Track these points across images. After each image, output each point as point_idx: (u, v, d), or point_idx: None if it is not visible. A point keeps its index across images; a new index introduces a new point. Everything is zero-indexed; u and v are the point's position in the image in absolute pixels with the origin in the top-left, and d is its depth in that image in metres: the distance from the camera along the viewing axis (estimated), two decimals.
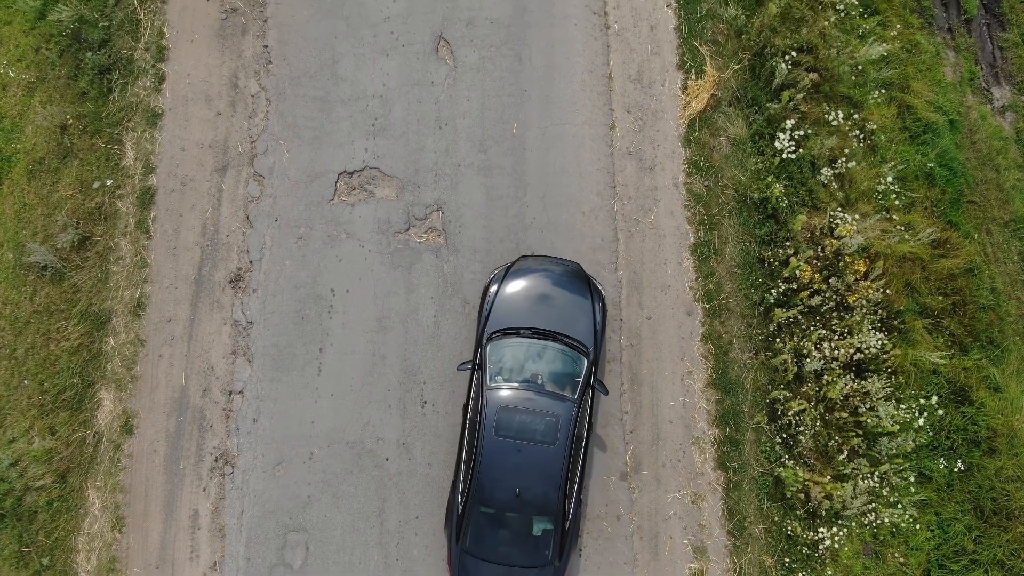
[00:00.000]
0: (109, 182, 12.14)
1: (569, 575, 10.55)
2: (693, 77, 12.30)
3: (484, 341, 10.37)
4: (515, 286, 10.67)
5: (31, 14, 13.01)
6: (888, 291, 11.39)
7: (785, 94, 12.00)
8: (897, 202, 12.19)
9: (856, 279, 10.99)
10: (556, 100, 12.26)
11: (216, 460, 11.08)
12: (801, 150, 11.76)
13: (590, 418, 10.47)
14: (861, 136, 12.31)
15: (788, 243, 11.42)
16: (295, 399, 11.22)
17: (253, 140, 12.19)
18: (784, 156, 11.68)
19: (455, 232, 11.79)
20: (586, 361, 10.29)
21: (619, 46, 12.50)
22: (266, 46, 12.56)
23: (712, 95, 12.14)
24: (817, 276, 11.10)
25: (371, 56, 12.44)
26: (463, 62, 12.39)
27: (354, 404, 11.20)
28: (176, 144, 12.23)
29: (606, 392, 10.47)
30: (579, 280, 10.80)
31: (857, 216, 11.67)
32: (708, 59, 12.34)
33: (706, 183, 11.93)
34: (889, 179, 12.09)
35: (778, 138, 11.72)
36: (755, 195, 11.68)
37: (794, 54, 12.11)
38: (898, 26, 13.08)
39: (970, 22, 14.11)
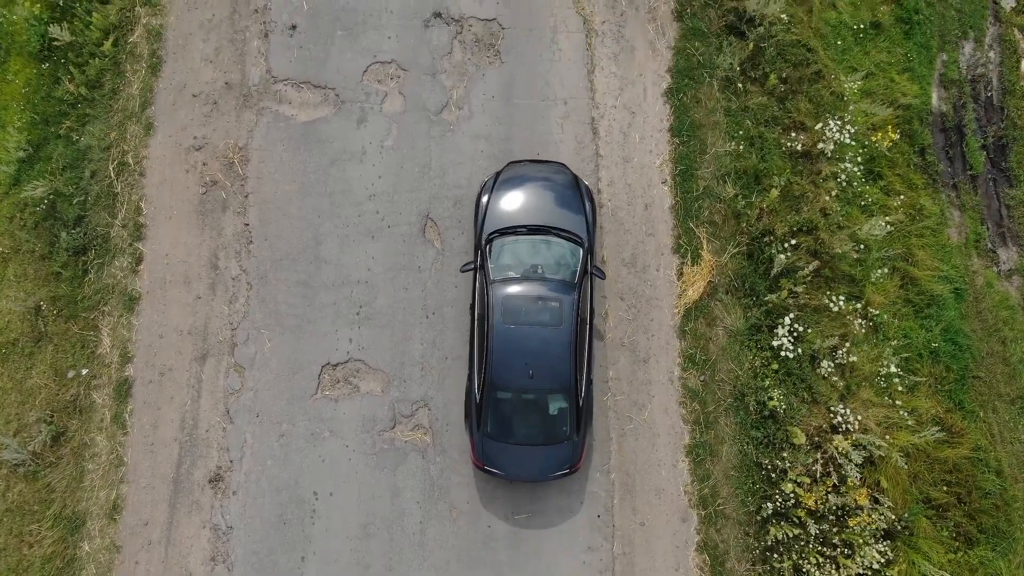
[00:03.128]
0: (84, 371, 11.73)
1: (587, 448, 11.02)
2: (689, 262, 11.88)
3: (483, 243, 10.89)
4: (506, 190, 11.22)
5: (5, 180, 12.59)
6: (890, 505, 11.00)
7: (784, 282, 11.60)
8: (900, 388, 11.80)
9: (857, 506, 10.61)
10: None
11: None
12: (800, 347, 11.36)
13: (591, 303, 11.06)
14: (863, 318, 11.91)
15: (786, 453, 11.02)
16: None
17: (234, 328, 11.77)
18: (783, 355, 11.27)
19: (442, 431, 11.39)
20: (581, 250, 10.89)
21: (612, 227, 12.08)
22: (247, 224, 12.13)
23: (709, 282, 11.73)
24: (816, 499, 10.70)
25: (356, 238, 12.02)
26: (451, 245, 11.97)
27: None
28: (154, 331, 11.81)
29: (603, 276, 11.14)
30: (566, 177, 11.36)
31: (859, 417, 11.27)
32: (704, 242, 11.92)
33: (702, 378, 11.53)
34: (892, 367, 11.70)
35: (776, 335, 11.32)
36: (752, 400, 11.28)
37: (793, 241, 11.69)
38: (901, 196, 12.66)
39: (976, 178, 13.72)
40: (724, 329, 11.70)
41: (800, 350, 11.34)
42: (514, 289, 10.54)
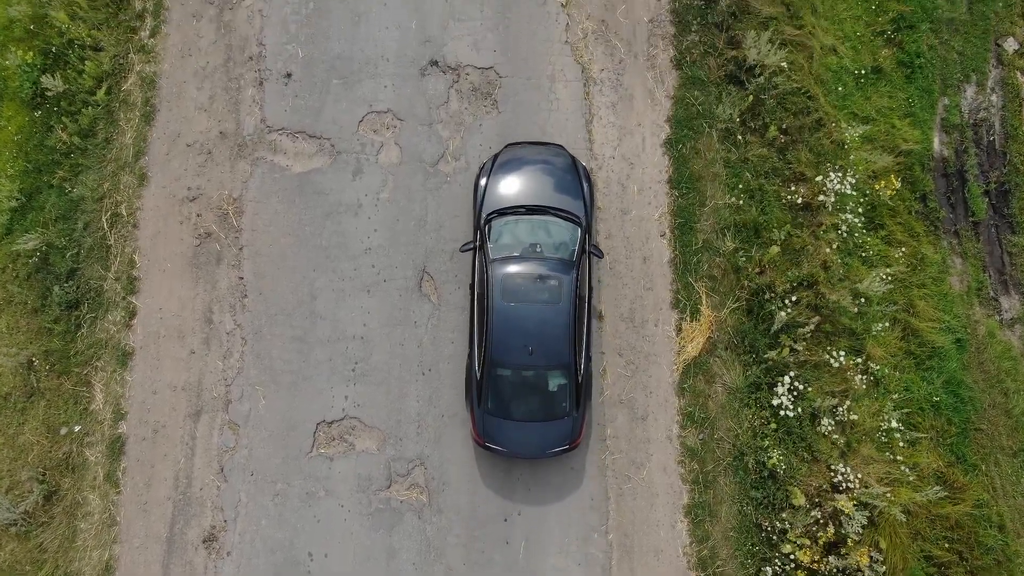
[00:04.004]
0: (77, 428, 11.62)
1: (586, 424, 11.08)
2: (688, 318, 11.76)
3: (482, 224, 11.01)
4: (504, 172, 11.33)
5: None
6: (892, 566, 10.89)
7: (784, 339, 11.49)
8: (902, 443, 11.68)
9: (858, 568, 10.49)
10: None
11: None
12: (800, 406, 11.24)
13: (589, 282, 11.19)
14: (863, 373, 11.79)
15: (785, 513, 10.90)
16: None
17: (228, 383, 11.65)
18: (782, 414, 11.16)
19: (438, 490, 11.27)
20: (579, 229, 11.00)
21: (611, 280, 11.95)
22: (241, 278, 12.01)
23: (708, 338, 11.61)
24: (814, 555, 10.59)
25: (351, 292, 11.89)
26: (448, 300, 11.85)
27: None
28: (147, 386, 11.70)
29: (601, 255, 11.39)
30: (563, 158, 11.50)
31: (859, 475, 11.15)
32: (704, 297, 11.80)
33: (701, 436, 11.41)
34: (893, 422, 11.58)
35: (776, 393, 11.20)
36: (752, 460, 11.16)
37: (793, 298, 11.56)
38: (903, 248, 12.53)
39: (978, 225, 13.58)
40: (723, 386, 11.58)
41: (800, 409, 11.22)
42: (513, 268, 10.67)
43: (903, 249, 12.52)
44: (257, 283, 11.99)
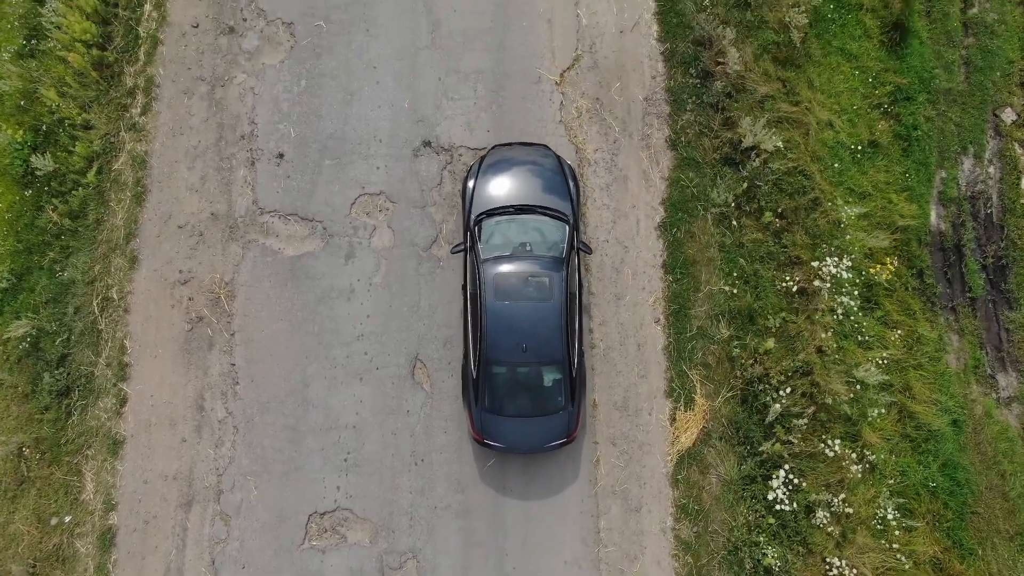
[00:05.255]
0: (68, 519, 11.55)
1: (582, 417, 11.30)
2: (682, 407, 11.68)
3: (472, 224, 11.18)
4: (491, 173, 11.49)
5: None
6: None
7: (779, 429, 11.41)
8: (898, 531, 11.60)
9: None
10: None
11: None
12: (796, 499, 11.17)
13: (579, 278, 11.35)
14: (859, 462, 11.71)
15: None
16: None
17: (220, 473, 11.58)
18: (777, 508, 11.09)
19: None
20: (567, 227, 11.17)
21: (605, 368, 11.87)
22: (233, 364, 11.93)
23: (702, 428, 11.53)
24: None
25: (343, 380, 11.81)
26: (440, 388, 11.77)
27: None
28: (138, 476, 11.62)
29: (589, 251, 11.57)
30: (549, 158, 11.67)
31: (855, 569, 11.08)
32: (698, 386, 11.73)
33: (695, 529, 11.34)
34: (889, 513, 11.51)
35: (771, 486, 11.13)
36: (747, 556, 11.09)
37: (788, 389, 11.48)
38: (899, 331, 12.44)
39: (975, 300, 13.50)
40: (718, 477, 11.51)
41: (795, 503, 11.15)
42: (504, 267, 10.84)
43: (899, 331, 12.43)
44: (249, 370, 11.91)
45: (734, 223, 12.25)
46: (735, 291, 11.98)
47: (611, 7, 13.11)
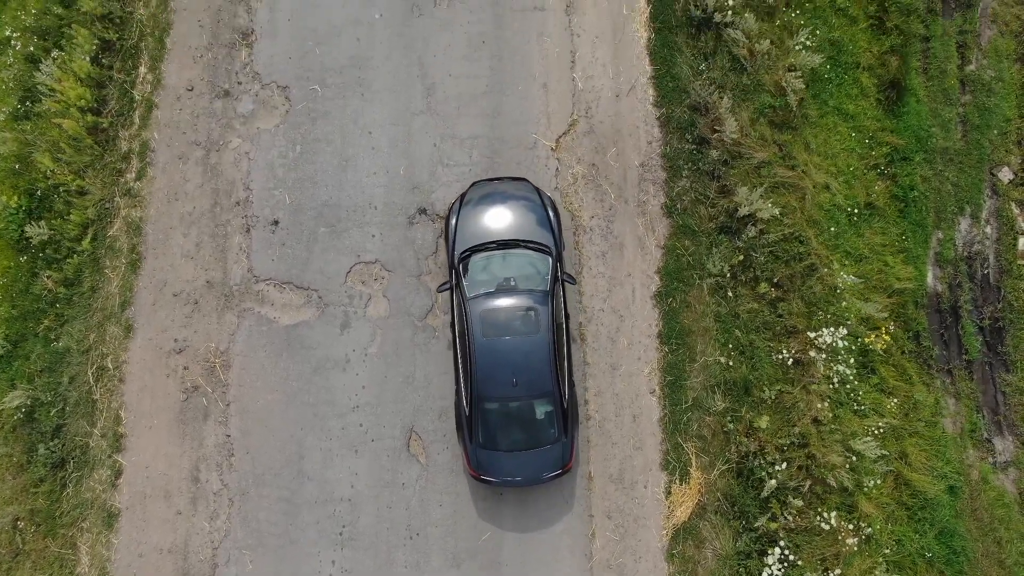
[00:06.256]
0: None
1: (576, 447, 11.36)
2: (677, 480, 11.68)
3: (456, 262, 11.31)
4: (472, 209, 11.59)
5: None
6: None
7: (774, 504, 11.40)
8: None
9: None
10: (532, 503, 11.65)
11: None
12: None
13: (565, 308, 11.47)
14: (855, 535, 11.70)
15: None
16: None
17: (215, 546, 11.57)
18: None
19: None
20: (550, 259, 11.28)
21: (600, 440, 11.87)
22: (228, 435, 11.92)
23: (698, 502, 11.53)
24: None
25: (339, 452, 11.80)
26: (435, 460, 11.76)
27: None
28: (133, 549, 11.62)
29: (573, 282, 11.74)
30: (528, 191, 11.79)
31: None
32: (693, 458, 11.72)
33: None
34: None
35: (766, 563, 11.13)
36: None
37: (784, 465, 11.47)
38: (895, 399, 12.43)
39: (971, 363, 13.48)
40: (713, 552, 11.51)
41: None
42: (490, 304, 10.96)
43: (895, 400, 12.42)
44: (244, 441, 11.90)
45: (730, 293, 12.23)
46: (731, 363, 11.97)
47: (607, 71, 13.07)
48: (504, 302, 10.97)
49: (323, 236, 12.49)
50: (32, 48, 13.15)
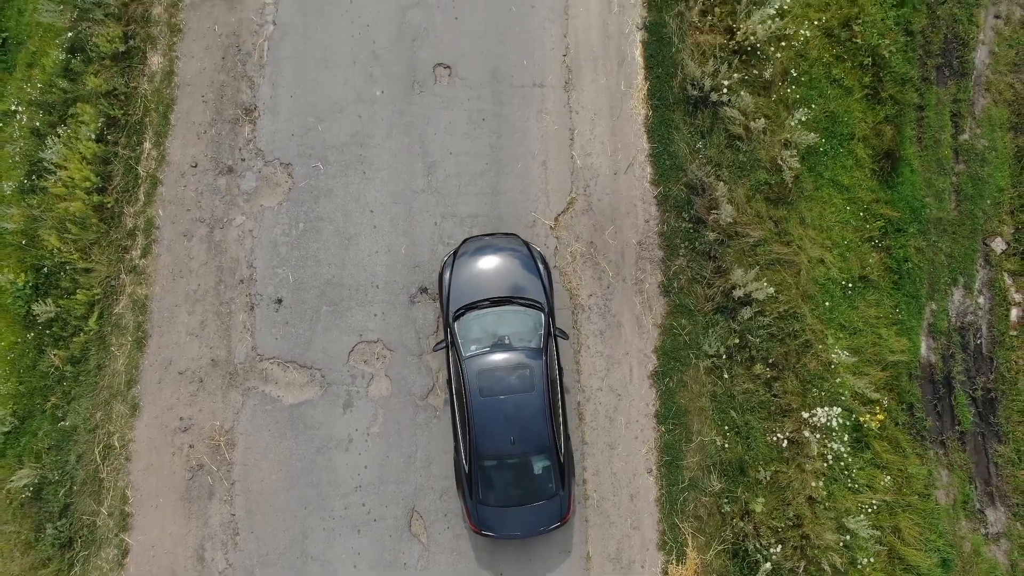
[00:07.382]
0: None
1: (574, 500, 11.70)
2: (674, 561, 11.89)
3: (451, 321, 11.52)
4: (465, 266, 11.81)
5: None
6: None
7: None
8: None
9: None
10: None
11: None
12: None
13: (558, 362, 11.73)
14: None
15: None
16: None
17: None
18: None
19: None
20: (542, 315, 11.53)
21: (598, 519, 12.08)
22: (233, 514, 12.14)
23: None
24: None
25: (342, 532, 12.02)
26: (437, 540, 11.98)
27: None
28: None
29: (566, 337, 11.91)
30: (519, 247, 12.00)
31: None
32: (690, 539, 11.93)
33: None
34: None
35: None
36: None
37: (779, 548, 11.68)
38: (888, 476, 12.64)
39: (964, 434, 13.69)
40: None
41: None
42: (486, 363, 11.23)
43: (888, 477, 12.63)
44: (249, 520, 12.12)
45: (726, 374, 12.43)
46: (726, 444, 12.18)
47: (605, 148, 13.26)
48: (499, 360, 11.23)
49: (326, 315, 12.69)
50: (37, 123, 13.32)
